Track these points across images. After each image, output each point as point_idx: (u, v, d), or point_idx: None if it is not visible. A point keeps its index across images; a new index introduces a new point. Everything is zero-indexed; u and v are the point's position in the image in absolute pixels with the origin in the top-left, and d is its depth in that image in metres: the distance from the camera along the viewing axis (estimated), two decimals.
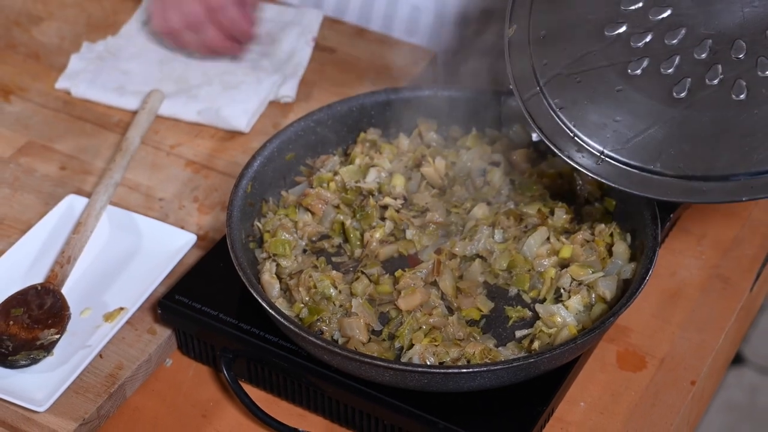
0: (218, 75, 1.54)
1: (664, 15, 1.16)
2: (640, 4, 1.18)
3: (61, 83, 1.55)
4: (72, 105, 1.53)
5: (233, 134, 1.49)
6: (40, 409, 1.12)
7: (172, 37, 1.54)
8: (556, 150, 1.17)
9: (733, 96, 1.11)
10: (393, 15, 1.69)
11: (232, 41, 1.53)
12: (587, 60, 1.18)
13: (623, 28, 1.17)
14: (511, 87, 1.31)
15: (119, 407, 1.18)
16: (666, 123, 1.13)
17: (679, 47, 1.15)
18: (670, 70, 1.14)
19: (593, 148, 1.15)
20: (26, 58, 1.60)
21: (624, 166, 1.14)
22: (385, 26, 1.70)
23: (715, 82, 1.12)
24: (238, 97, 1.50)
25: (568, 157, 1.16)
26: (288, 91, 1.53)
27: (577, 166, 1.16)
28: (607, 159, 1.14)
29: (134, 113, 1.50)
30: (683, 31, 1.15)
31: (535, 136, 1.32)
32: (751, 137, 1.10)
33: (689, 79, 1.13)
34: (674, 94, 1.13)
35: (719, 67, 1.12)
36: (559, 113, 1.17)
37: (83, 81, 1.53)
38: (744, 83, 1.11)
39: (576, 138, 1.16)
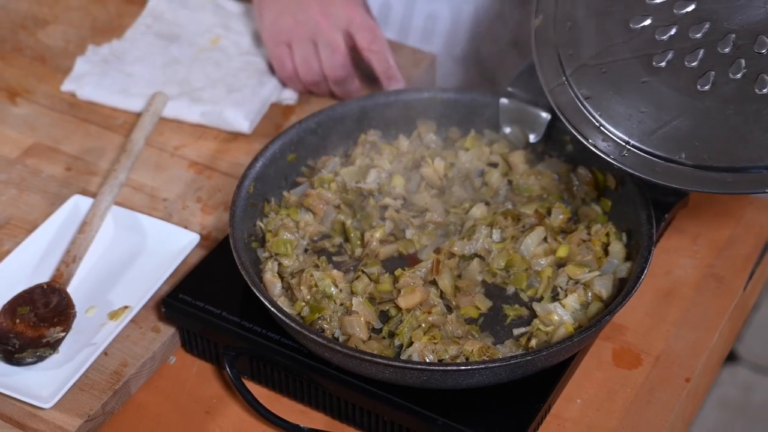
0: (221, 78, 1.54)
1: (689, 9, 1.17)
2: None
3: (67, 85, 1.55)
4: (77, 107, 1.53)
5: (236, 136, 1.49)
6: (46, 406, 1.12)
7: (303, 86, 1.52)
8: (582, 139, 1.17)
9: (756, 90, 1.11)
10: (409, 22, 1.69)
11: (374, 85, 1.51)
12: (613, 51, 1.19)
13: (648, 21, 1.18)
14: (509, 88, 1.32)
15: (124, 404, 1.18)
16: (691, 115, 1.13)
17: (703, 41, 1.15)
18: (694, 63, 1.15)
19: (619, 138, 1.15)
20: (32, 60, 1.60)
21: (649, 156, 1.14)
22: (401, 33, 1.70)
23: (739, 76, 1.13)
24: (240, 100, 1.50)
25: (594, 146, 1.16)
26: (290, 94, 1.53)
27: (602, 155, 1.16)
28: (632, 149, 1.14)
29: (138, 115, 1.50)
30: (707, 26, 1.15)
31: (532, 138, 1.32)
32: None
33: (713, 73, 1.13)
34: (698, 86, 1.14)
35: (742, 61, 1.13)
36: (585, 103, 1.17)
37: (88, 83, 1.53)
38: (767, 78, 1.11)
39: (602, 128, 1.16)
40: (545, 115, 1.31)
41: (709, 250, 1.33)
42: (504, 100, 1.32)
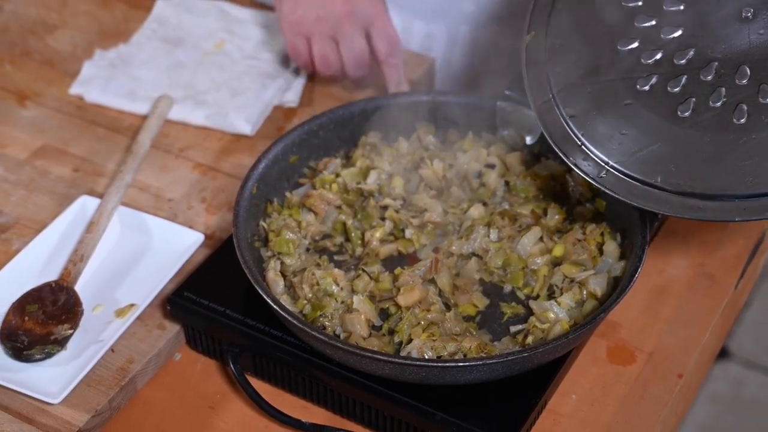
0: (225, 81, 1.54)
1: (675, 35, 1.16)
2: (653, 23, 1.18)
3: (75, 89, 1.55)
4: (85, 110, 1.53)
5: (239, 138, 1.49)
6: (55, 401, 1.12)
7: (318, 72, 1.51)
8: (563, 156, 1.17)
9: (734, 120, 1.11)
10: (407, 42, 1.69)
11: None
12: (599, 72, 1.19)
13: (635, 44, 1.18)
14: (506, 91, 1.32)
15: (130, 399, 1.18)
16: (669, 140, 1.13)
17: (686, 67, 1.15)
18: (676, 89, 1.14)
19: (599, 158, 1.15)
20: (41, 64, 1.60)
21: (626, 178, 1.14)
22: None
23: (719, 104, 1.12)
24: (244, 103, 1.50)
25: (575, 165, 1.16)
26: (292, 97, 1.53)
27: (582, 174, 1.16)
28: (611, 170, 1.14)
29: (144, 118, 1.50)
30: (692, 52, 1.15)
31: (528, 140, 1.32)
32: (748, 161, 1.10)
33: (694, 100, 1.13)
34: (679, 112, 1.13)
35: (723, 90, 1.13)
36: (569, 121, 1.17)
37: (96, 87, 1.53)
38: (745, 108, 1.11)
39: (583, 147, 1.16)
40: None
41: (701, 250, 1.33)
42: (501, 104, 1.32)
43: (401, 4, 1.67)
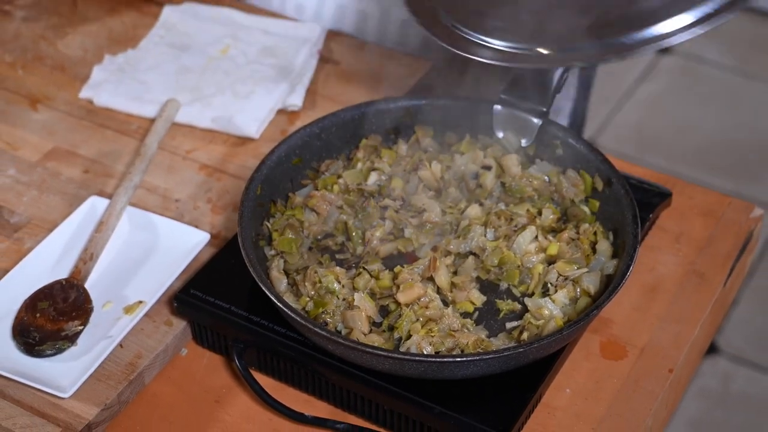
0: (230, 85, 1.54)
1: None
2: None
3: (85, 93, 1.55)
4: (94, 113, 1.53)
5: (244, 140, 1.49)
6: (65, 396, 1.12)
7: None
8: (425, 30, 1.23)
9: None
10: (405, 44, 1.69)
11: None
12: None
13: None
14: (502, 95, 1.32)
15: (138, 393, 1.18)
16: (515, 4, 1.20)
17: None
18: None
19: (454, 26, 1.22)
20: (52, 69, 1.60)
21: (463, 35, 1.21)
22: (399, 45, 1.70)
23: None
24: (248, 106, 1.50)
25: (449, 44, 1.22)
26: (295, 100, 1.53)
27: (445, 45, 1.22)
28: (471, 39, 1.21)
29: (152, 121, 1.50)
30: None
31: (524, 142, 1.32)
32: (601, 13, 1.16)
33: None
34: None
35: None
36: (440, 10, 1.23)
37: (105, 91, 1.53)
38: None
39: (454, 28, 1.22)
40: (536, 121, 1.30)
41: (691, 248, 1.33)
42: (497, 107, 1.32)
43: (398, 7, 1.66)
